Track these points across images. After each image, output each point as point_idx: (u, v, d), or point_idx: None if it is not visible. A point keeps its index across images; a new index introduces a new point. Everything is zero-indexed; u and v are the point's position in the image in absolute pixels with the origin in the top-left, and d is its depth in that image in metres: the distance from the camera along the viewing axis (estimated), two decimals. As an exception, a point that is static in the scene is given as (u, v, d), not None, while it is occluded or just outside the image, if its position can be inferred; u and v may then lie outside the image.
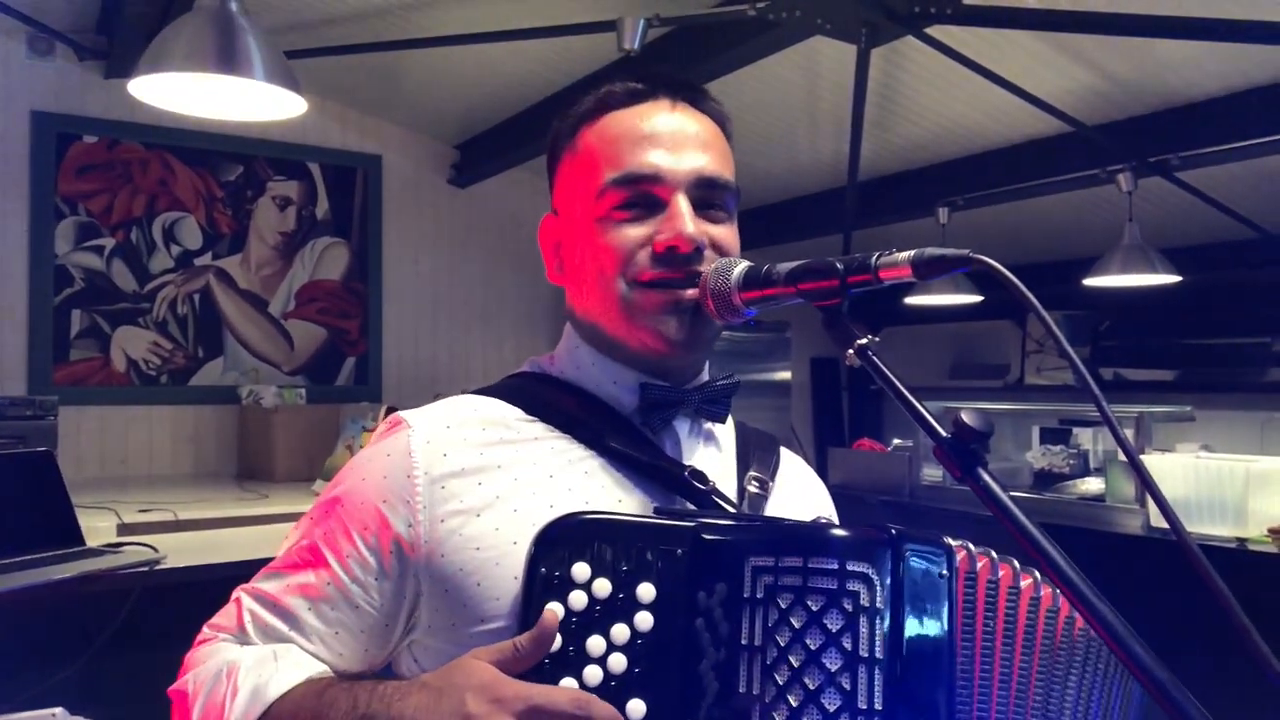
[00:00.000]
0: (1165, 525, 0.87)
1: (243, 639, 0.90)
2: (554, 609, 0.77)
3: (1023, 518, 0.69)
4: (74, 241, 4.18)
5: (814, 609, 0.74)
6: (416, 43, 3.51)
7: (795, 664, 0.73)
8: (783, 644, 0.74)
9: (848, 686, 0.72)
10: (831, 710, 0.72)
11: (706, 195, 0.94)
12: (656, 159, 0.92)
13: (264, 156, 4.63)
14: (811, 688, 0.73)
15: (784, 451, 1.09)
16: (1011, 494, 0.70)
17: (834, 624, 0.74)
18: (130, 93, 2.14)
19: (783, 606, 0.75)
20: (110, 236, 4.26)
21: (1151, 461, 3.51)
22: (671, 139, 0.93)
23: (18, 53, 4.01)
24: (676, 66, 3.20)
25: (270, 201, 4.66)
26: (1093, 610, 0.65)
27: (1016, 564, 0.83)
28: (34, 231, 4.08)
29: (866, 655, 0.73)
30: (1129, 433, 3.77)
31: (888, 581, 0.74)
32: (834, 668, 0.73)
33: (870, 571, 0.75)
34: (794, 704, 0.73)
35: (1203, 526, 3.27)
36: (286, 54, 2.18)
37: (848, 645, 0.73)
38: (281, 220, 4.69)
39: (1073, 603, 0.66)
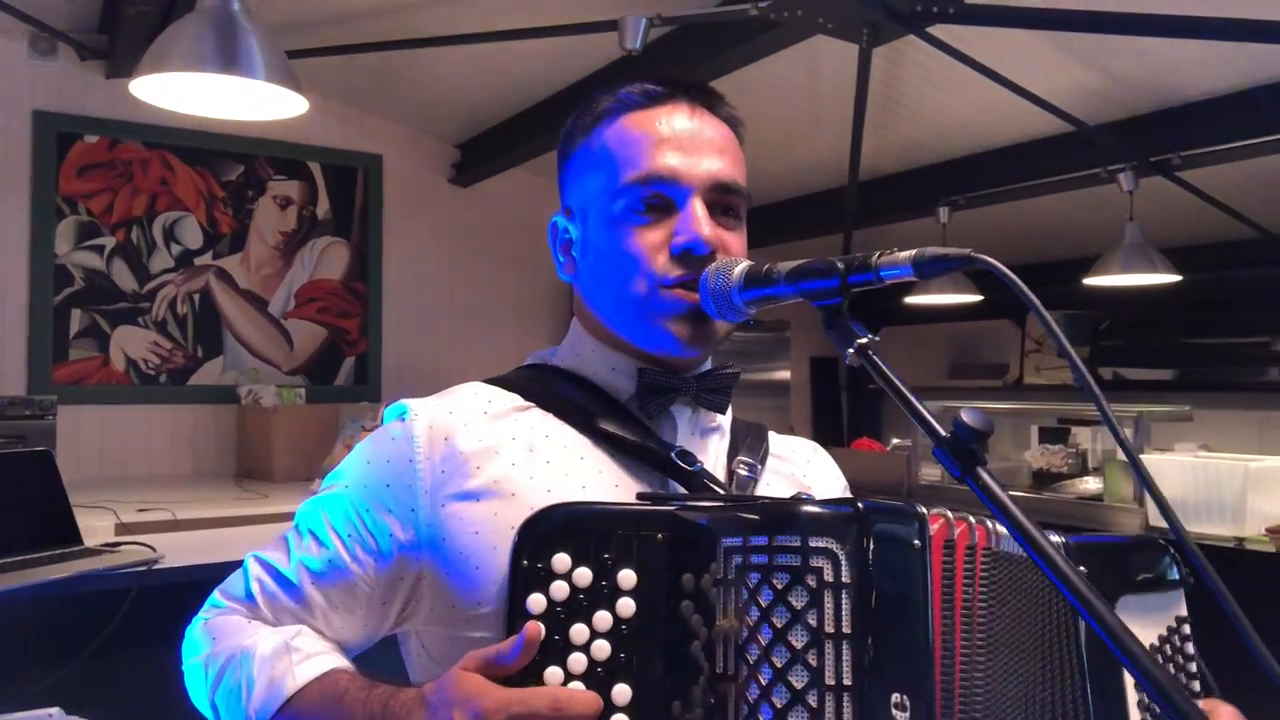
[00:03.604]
0: (1164, 525, 0.87)
1: (253, 609, 0.92)
2: (536, 624, 0.77)
3: (1022, 517, 0.69)
4: (74, 241, 4.18)
5: (779, 587, 0.74)
6: (418, 42, 3.51)
7: (764, 643, 0.73)
8: (752, 623, 0.74)
9: (814, 663, 0.72)
10: (799, 687, 0.72)
11: (720, 199, 0.95)
12: (674, 161, 0.93)
13: (265, 156, 4.63)
14: (779, 666, 0.72)
15: (780, 435, 1.10)
16: (1010, 493, 0.70)
17: (798, 601, 0.73)
18: (131, 92, 2.15)
19: (750, 586, 0.74)
20: (110, 236, 4.26)
21: (1150, 461, 3.51)
22: (689, 142, 0.94)
23: (19, 52, 4.01)
24: (678, 66, 3.20)
25: (271, 201, 4.66)
26: (1090, 608, 0.65)
27: (992, 524, 0.84)
28: (34, 231, 4.08)
29: (833, 631, 0.72)
30: (1128, 432, 3.77)
31: (853, 555, 0.74)
32: (799, 645, 0.72)
33: (834, 546, 0.74)
34: (764, 683, 0.72)
35: (1201, 526, 3.27)
36: (287, 53, 2.18)
37: (813, 622, 0.72)
38: (282, 220, 4.69)
39: (1071, 601, 0.67)
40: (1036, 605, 0.87)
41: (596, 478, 0.91)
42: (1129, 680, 0.91)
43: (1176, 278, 3.78)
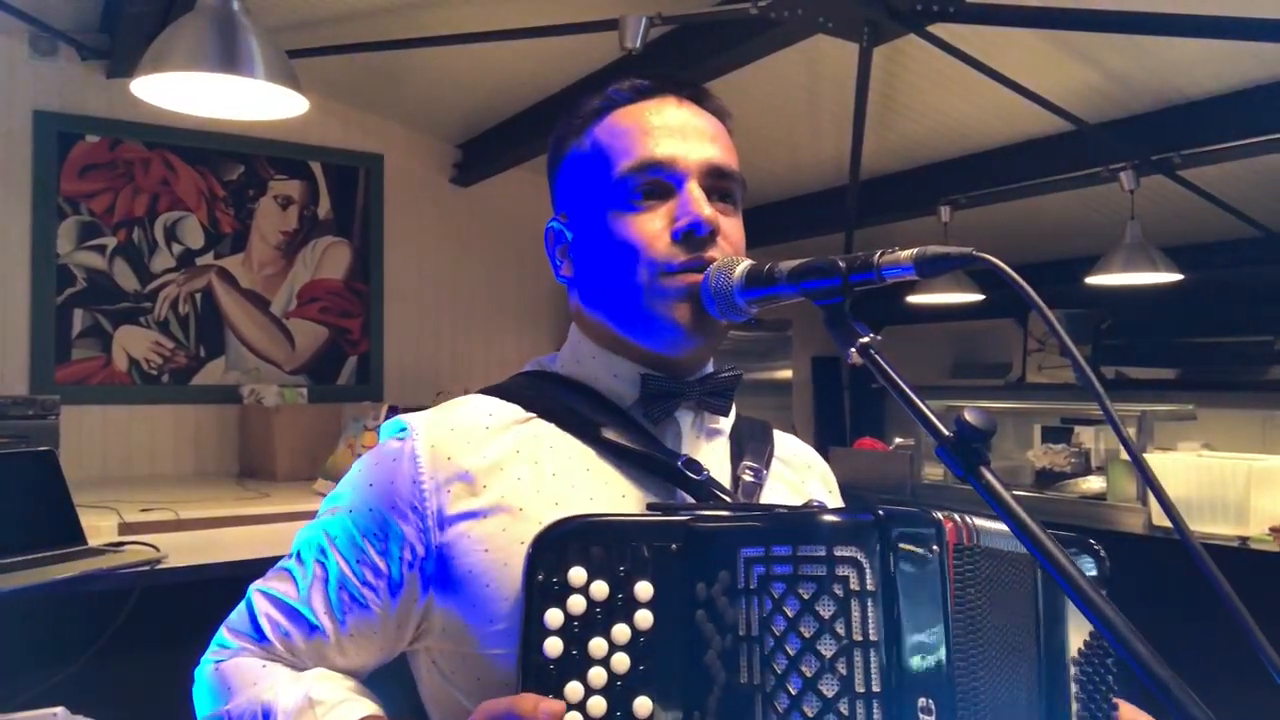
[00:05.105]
0: (1167, 524, 0.87)
1: (266, 647, 0.91)
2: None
3: (1025, 516, 0.68)
4: (76, 241, 4.18)
5: (805, 597, 0.74)
6: (419, 42, 3.51)
7: (791, 653, 0.74)
8: (779, 633, 0.74)
9: (844, 671, 0.73)
10: (830, 696, 0.72)
11: (716, 184, 0.95)
12: (668, 147, 0.93)
13: (266, 156, 4.63)
14: (809, 675, 0.73)
15: (781, 435, 1.10)
16: (1013, 493, 0.70)
17: (826, 610, 0.74)
18: (132, 92, 2.14)
19: (775, 596, 0.75)
20: (112, 236, 4.26)
21: (1153, 460, 3.50)
22: (680, 130, 0.95)
23: (20, 52, 4.01)
24: (678, 65, 3.20)
25: (272, 201, 4.66)
26: (1094, 608, 0.65)
27: (975, 520, 0.85)
28: (36, 231, 4.08)
29: (861, 639, 0.73)
30: (1131, 431, 3.77)
31: (877, 564, 0.75)
32: (829, 654, 0.73)
33: (859, 555, 0.75)
34: (793, 693, 0.73)
35: (1204, 525, 3.27)
36: (288, 53, 2.18)
37: (841, 630, 0.73)
38: (283, 219, 4.69)
39: (1074, 600, 0.66)
40: (1016, 601, 0.88)
41: (603, 489, 0.90)
42: (1071, 671, 0.92)
43: (1178, 276, 3.78)
